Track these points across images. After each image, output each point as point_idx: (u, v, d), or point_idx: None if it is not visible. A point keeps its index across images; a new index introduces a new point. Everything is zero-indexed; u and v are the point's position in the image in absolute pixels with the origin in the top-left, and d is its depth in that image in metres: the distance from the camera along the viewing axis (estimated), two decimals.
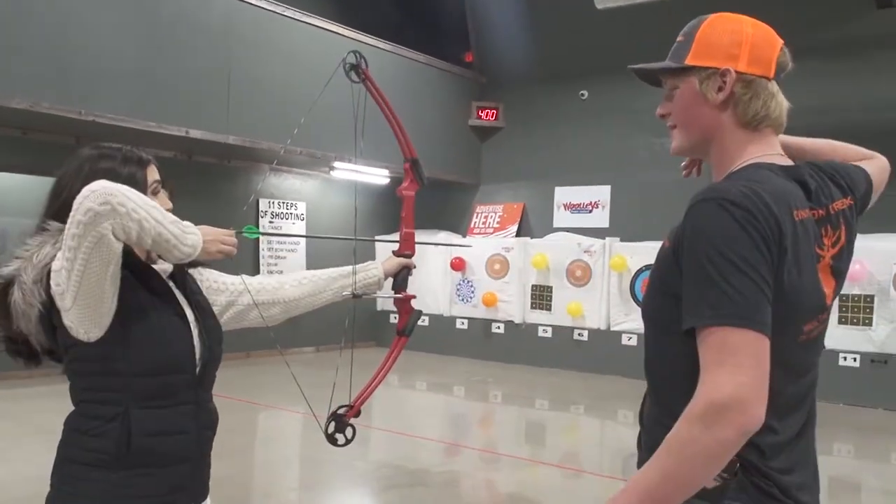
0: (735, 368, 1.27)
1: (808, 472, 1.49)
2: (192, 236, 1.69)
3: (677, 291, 1.37)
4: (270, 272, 10.67)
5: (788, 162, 1.51)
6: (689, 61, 1.49)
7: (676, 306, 1.37)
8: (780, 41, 1.50)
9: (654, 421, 1.50)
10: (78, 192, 1.55)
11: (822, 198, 1.48)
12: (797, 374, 1.45)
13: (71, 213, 1.55)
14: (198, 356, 1.81)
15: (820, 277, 1.44)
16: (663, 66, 1.54)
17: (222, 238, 1.80)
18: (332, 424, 2.04)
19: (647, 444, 1.50)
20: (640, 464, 1.52)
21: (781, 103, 1.51)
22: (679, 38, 1.53)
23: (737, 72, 1.46)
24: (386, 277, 2.21)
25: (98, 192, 1.52)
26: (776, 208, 1.35)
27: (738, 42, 1.46)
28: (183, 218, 1.73)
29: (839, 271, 1.49)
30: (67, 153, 1.86)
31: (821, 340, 1.51)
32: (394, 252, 2.23)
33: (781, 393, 1.40)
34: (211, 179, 9.86)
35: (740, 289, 1.29)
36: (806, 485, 1.47)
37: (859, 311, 8.30)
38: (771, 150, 1.51)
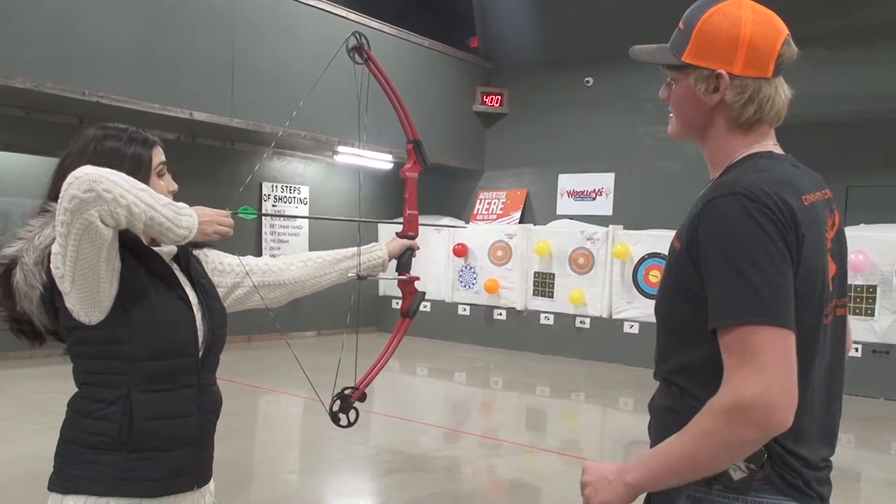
0: (761, 369, 1.26)
1: (830, 466, 1.49)
2: (186, 218, 1.68)
3: (695, 291, 1.37)
4: (273, 256, 10.66)
5: (781, 152, 1.50)
6: (685, 58, 1.47)
7: (694, 307, 1.36)
8: (784, 32, 1.45)
9: (663, 410, 1.50)
10: None
11: (818, 183, 1.48)
12: (823, 362, 1.43)
13: (59, 200, 1.53)
14: (201, 340, 1.80)
15: (827, 260, 1.44)
16: (660, 60, 1.52)
17: (218, 219, 1.78)
18: (338, 403, 2.03)
19: (658, 433, 1.52)
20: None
21: (780, 100, 1.47)
22: (680, 26, 1.50)
23: (731, 75, 1.42)
24: (390, 259, 2.20)
25: (82, 179, 1.50)
26: (787, 195, 1.34)
27: (735, 43, 1.41)
28: (187, 201, 1.72)
29: (839, 257, 1.48)
30: (70, 134, 1.85)
31: (840, 327, 1.49)
32: (397, 233, 2.23)
33: (811, 384, 1.40)
34: (215, 162, 9.84)
35: (761, 286, 1.28)
36: (826, 479, 1.47)
37: (861, 301, 8.29)
38: (766, 141, 1.49)
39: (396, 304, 11.61)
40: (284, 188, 11.02)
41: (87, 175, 1.51)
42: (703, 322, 1.35)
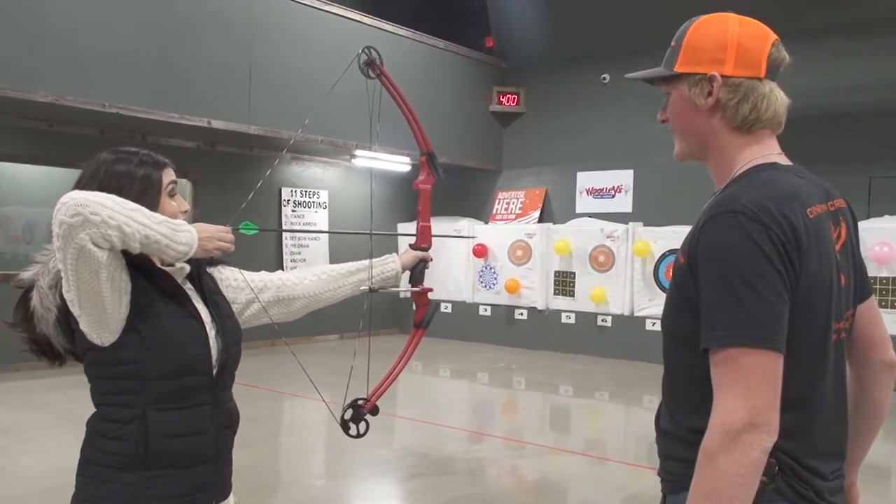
0: (746, 391, 1.27)
1: (842, 475, 1.49)
2: (185, 234, 1.69)
3: (696, 305, 1.36)
4: (293, 261, 10.74)
5: (788, 162, 1.49)
6: (677, 68, 1.49)
7: (694, 321, 1.36)
8: (773, 36, 1.48)
9: (666, 434, 1.52)
10: None
11: (824, 194, 1.47)
12: (833, 377, 1.43)
13: (52, 226, 1.55)
14: (214, 358, 1.81)
15: (835, 275, 1.42)
16: (653, 74, 1.54)
17: (219, 235, 1.79)
18: (350, 412, 2.04)
19: (662, 452, 1.53)
20: (660, 471, 1.54)
21: (776, 102, 1.47)
22: (672, 44, 1.52)
23: (723, 76, 1.44)
24: (403, 271, 2.22)
25: (68, 205, 1.52)
26: (789, 210, 1.33)
27: (724, 45, 1.44)
28: (208, 208, 1.73)
29: (848, 268, 1.47)
30: (92, 145, 1.87)
31: (848, 339, 1.49)
32: (410, 245, 2.25)
33: (821, 398, 1.40)
34: (234, 169, 9.90)
35: (753, 307, 1.28)
36: (839, 489, 1.47)
37: (888, 293, 8.18)
38: (769, 151, 1.49)
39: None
40: (304, 193, 11.06)
41: (73, 200, 1.53)
42: (695, 336, 1.35)
